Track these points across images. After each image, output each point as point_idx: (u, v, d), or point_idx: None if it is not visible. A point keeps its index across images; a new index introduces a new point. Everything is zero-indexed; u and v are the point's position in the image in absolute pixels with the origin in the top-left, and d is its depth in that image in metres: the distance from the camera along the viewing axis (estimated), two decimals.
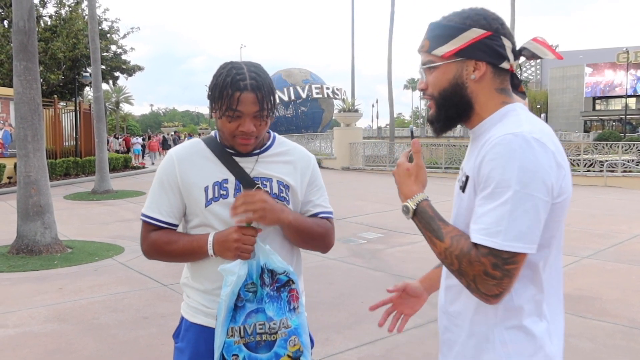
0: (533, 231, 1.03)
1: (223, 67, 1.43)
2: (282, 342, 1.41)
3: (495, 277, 1.02)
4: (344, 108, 20.24)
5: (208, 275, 1.49)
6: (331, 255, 6.05)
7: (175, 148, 1.56)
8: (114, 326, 3.89)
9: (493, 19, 1.15)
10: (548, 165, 1.04)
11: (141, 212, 1.54)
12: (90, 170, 16.22)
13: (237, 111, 1.38)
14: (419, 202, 1.19)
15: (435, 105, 1.20)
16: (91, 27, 12.78)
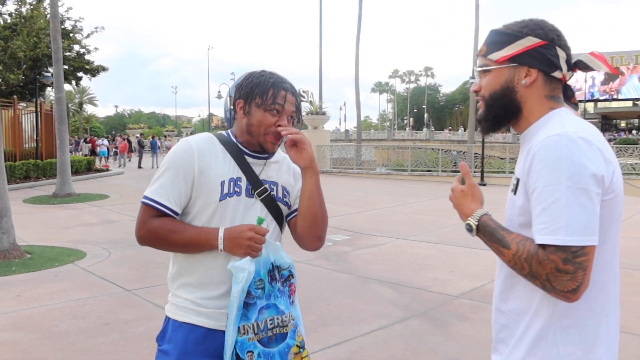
0: (592, 223, 1.06)
1: (257, 72, 1.56)
2: (292, 334, 1.48)
3: (568, 271, 1.04)
4: (312, 111, 20.26)
5: (206, 269, 1.50)
6: (297, 258, 6.02)
7: (194, 137, 1.56)
8: (74, 333, 3.78)
9: (550, 29, 1.21)
10: (596, 159, 1.07)
11: (144, 194, 1.50)
12: (51, 173, 15.73)
13: (281, 106, 1.50)
14: (480, 217, 1.22)
15: (485, 106, 1.26)
16: (53, 25, 12.42)
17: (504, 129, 1.32)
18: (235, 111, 1.56)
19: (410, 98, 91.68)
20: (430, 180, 16.59)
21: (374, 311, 4.27)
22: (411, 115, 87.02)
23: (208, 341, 1.48)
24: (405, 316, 4.17)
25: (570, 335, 1.14)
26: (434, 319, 4.14)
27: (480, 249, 6.55)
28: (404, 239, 7.19)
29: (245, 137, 1.55)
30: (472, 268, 5.65)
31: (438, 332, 3.85)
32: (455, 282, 5.13)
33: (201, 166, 1.48)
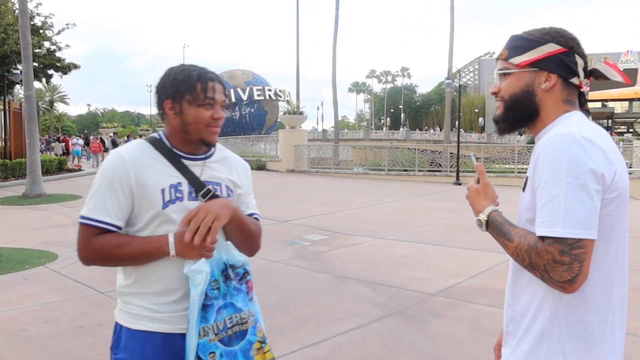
0: (591, 218, 1.10)
1: (177, 67, 1.51)
2: (252, 330, 1.49)
3: (565, 262, 1.09)
4: (289, 110, 20.22)
5: (159, 278, 1.47)
6: (275, 258, 6.02)
7: (124, 148, 1.51)
8: (46, 337, 3.69)
9: (570, 38, 1.27)
10: (596, 157, 1.12)
11: (81, 214, 1.45)
12: (21, 173, 15.32)
13: (213, 99, 1.47)
14: (489, 213, 1.29)
15: (504, 108, 1.31)
16: (22, 22, 12.09)
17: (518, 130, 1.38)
18: (164, 112, 1.50)
19: (387, 98, 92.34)
20: (407, 179, 16.74)
21: (351, 310, 4.28)
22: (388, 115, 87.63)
23: (167, 346, 1.45)
24: (382, 315, 4.19)
25: (576, 330, 1.18)
26: (411, 317, 4.17)
27: (455, 248, 6.64)
28: (381, 238, 7.23)
29: (180, 137, 1.50)
30: (448, 266, 5.72)
31: (414, 330, 3.88)
32: (431, 280, 5.19)
33: (137, 176, 1.44)
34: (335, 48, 27.69)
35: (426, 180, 16.59)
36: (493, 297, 4.63)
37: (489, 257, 6.06)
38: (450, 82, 20.97)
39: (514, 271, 1.30)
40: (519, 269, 1.26)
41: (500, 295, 4.72)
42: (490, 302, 4.47)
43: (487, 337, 3.65)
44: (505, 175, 16.48)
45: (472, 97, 76.99)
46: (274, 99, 34.05)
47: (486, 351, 3.44)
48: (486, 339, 3.64)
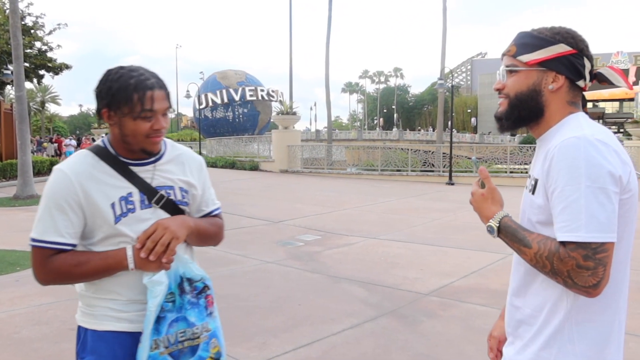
0: (611, 220, 1.10)
1: (114, 72, 1.41)
2: (204, 346, 1.47)
3: (589, 267, 1.08)
4: (282, 110, 20.21)
5: (122, 285, 1.46)
6: (269, 258, 6.02)
7: (66, 164, 1.44)
8: (37, 340, 3.66)
9: (580, 40, 1.25)
10: (613, 160, 1.12)
11: (32, 237, 1.41)
12: (12, 175, 15.19)
13: (153, 110, 1.38)
14: (501, 219, 1.26)
15: (509, 105, 1.29)
16: (13, 21, 12.00)
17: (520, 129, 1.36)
18: (102, 119, 1.44)
19: (380, 98, 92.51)
20: (400, 179, 16.78)
21: (344, 310, 4.29)
22: (381, 116, 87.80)
23: (135, 345, 1.44)
24: (376, 315, 4.20)
25: (586, 330, 1.18)
26: (404, 316, 4.18)
27: (448, 247, 6.66)
28: (375, 238, 7.24)
29: (122, 146, 1.45)
30: (440, 266, 5.74)
31: (408, 330, 3.89)
32: (424, 280, 5.20)
33: (85, 193, 1.40)
34: (328, 48, 27.71)
35: (419, 180, 16.64)
36: (486, 296, 4.66)
37: (482, 257, 6.09)
38: (443, 82, 21.05)
39: (525, 274, 1.28)
40: (530, 271, 1.24)
41: (492, 294, 4.75)
42: (483, 302, 4.49)
43: (480, 336, 3.67)
44: (498, 175, 16.54)
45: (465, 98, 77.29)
46: (266, 99, 34.00)
47: (479, 350, 3.46)
48: (479, 338, 3.65)
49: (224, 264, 5.72)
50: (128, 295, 1.46)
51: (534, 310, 1.24)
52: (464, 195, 13.60)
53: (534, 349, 1.22)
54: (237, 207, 9.82)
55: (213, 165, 20.55)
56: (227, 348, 3.78)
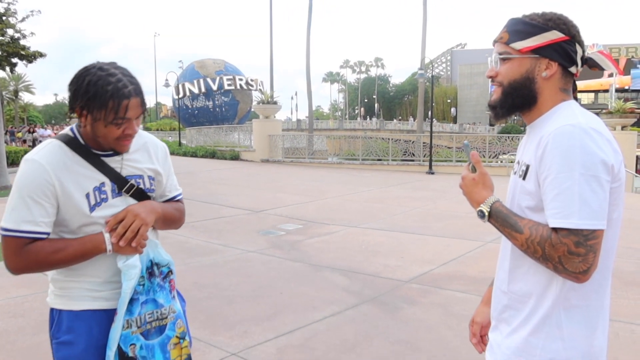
0: (603, 208, 1.11)
1: (91, 73, 1.39)
2: (171, 326, 1.57)
3: (580, 254, 1.10)
4: (263, 100, 20.06)
5: (97, 268, 1.51)
6: (250, 247, 6.00)
7: (40, 154, 1.43)
8: (14, 332, 3.60)
9: (572, 26, 1.25)
10: (606, 149, 1.13)
11: (4, 227, 1.41)
12: None
13: (126, 118, 1.41)
14: (492, 204, 1.27)
15: (502, 93, 1.28)
16: None
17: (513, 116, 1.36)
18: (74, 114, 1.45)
19: (361, 88, 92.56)
20: (381, 169, 16.86)
21: (326, 298, 4.31)
22: (362, 105, 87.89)
23: (110, 321, 1.49)
24: (357, 302, 4.23)
25: (574, 315, 1.19)
26: (385, 304, 4.22)
27: (428, 236, 6.73)
28: (356, 227, 7.28)
29: (93, 140, 1.47)
30: (421, 254, 5.80)
31: (388, 317, 3.94)
32: (404, 267, 5.26)
33: (61, 182, 1.42)
34: (309, 38, 27.57)
35: (400, 169, 16.75)
36: (465, 283, 4.73)
37: (461, 245, 6.17)
38: (423, 72, 21.15)
39: (513, 259, 1.28)
40: (519, 257, 1.25)
41: (471, 281, 4.83)
42: (462, 288, 4.56)
43: (459, 322, 3.73)
44: None
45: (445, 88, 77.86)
46: (245, 89, 33.64)
47: (457, 336, 3.51)
48: (458, 324, 3.71)
49: (205, 254, 5.69)
50: (103, 277, 1.52)
51: (522, 296, 1.25)
52: (444, 184, 13.76)
53: (523, 335, 1.24)
54: (218, 196, 9.75)
55: (193, 155, 20.36)
56: (208, 337, 3.77)
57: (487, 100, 1.36)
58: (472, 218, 8.01)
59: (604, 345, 1.23)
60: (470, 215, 8.28)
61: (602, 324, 1.23)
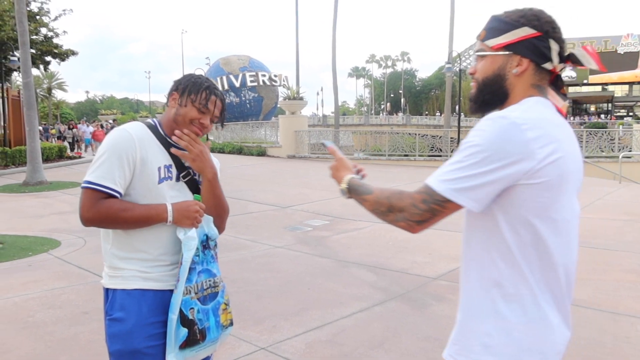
0: (479, 189, 1.14)
1: (197, 75, 1.75)
2: (221, 293, 1.77)
3: (420, 208, 1.19)
4: (289, 96, 20.12)
5: (149, 244, 1.66)
6: (278, 243, 6.05)
7: (130, 127, 1.69)
8: (51, 323, 3.72)
9: (546, 21, 1.24)
10: (519, 143, 1.12)
11: (87, 180, 1.60)
12: (21, 161, 15.32)
13: (208, 109, 1.70)
14: (348, 180, 1.40)
15: (477, 89, 1.33)
16: (18, 7, 11.98)
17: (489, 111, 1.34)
18: (168, 101, 1.74)
19: (387, 83, 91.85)
20: (408, 164, 16.73)
21: (353, 294, 4.32)
22: (388, 100, 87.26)
23: (159, 301, 1.65)
24: (385, 298, 4.22)
25: (510, 303, 1.19)
26: (413, 300, 4.20)
27: (456, 232, 6.65)
28: (382, 223, 7.24)
29: (171, 126, 1.71)
30: (448, 250, 5.75)
31: (417, 313, 3.92)
32: (432, 264, 5.22)
33: (142, 153, 1.64)
34: (335, 33, 27.46)
35: (427, 165, 16.58)
36: None
37: None
38: (451, 66, 20.87)
39: (463, 251, 1.31)
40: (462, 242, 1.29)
41: None
42: None
43: None
44: None
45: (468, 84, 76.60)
46: (268, 84, 33.73)
47: None
48: None
49: (234, 249, 5.76)
50: (154, 254, 1.67)
51: (466, 283, 1.29)
52: None
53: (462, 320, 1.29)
54: (245, 192, 9.85)
55: (221, 151, 20.58)
56: (238, 331, 3.81)
57: None
58: None
59: (547, 338, 1.20)
60: None
61: (543, 315, 1.19)
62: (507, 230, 1.18)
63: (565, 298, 1.24)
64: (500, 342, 1.19)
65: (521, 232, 1.18)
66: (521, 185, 1.15)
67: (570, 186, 1.22)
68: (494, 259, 1.20)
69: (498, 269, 1.20)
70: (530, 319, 1.19)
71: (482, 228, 1.22)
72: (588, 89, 60.93)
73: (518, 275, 1.19)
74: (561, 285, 1.23)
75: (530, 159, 1.13)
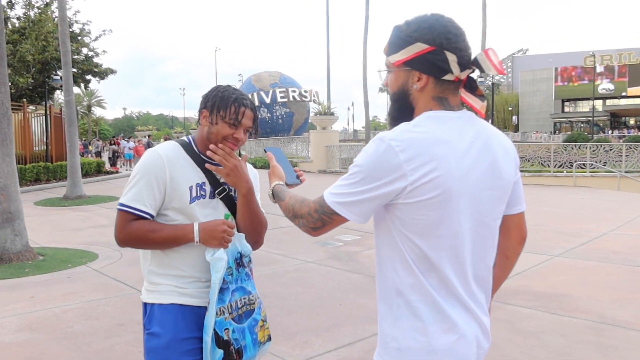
0: (359, 204, 1.21)
1: (220, 88, 1.72)
2: (258, 310, 1.75)
3: (314, 217, 1.29)
4: (320, 111, 20.27)
5: (184, 261, 1.68)
6: (309, 258, 6.05)
7: (161, 148, 1.71)
8: (89, 334, 3.82)
9: (439, 33, 1.22)
10: (391, 165, 1.17)
11: (121, 202, 1.65)
12: (61, 176, 15.87)
13: (240, 122, 1.69)
14: (274, 186, 1.54)
15: (391, 104, 1.37)
16: (61, 29, 12.53)
17: None
18: (199, 119, 1.73)
19: None
20: None
21: None
22: None
23: (195, 316, 1.66)
24: None
25: (412, 308, 1.25)
26: None
27: None
28: None
29: (205, 144, 1.71)
30: None
31: None
32: None
33: (171, 173, 1.65)
34: (365, 48, 27.59)
35: None
36: (530, 298, 4.54)
37: (526, 258, 5.93)
38: (483, 80, 20.63)
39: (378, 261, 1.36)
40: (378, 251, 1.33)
41: (538, 297, 4.63)
42: (528, 304, 4.38)
43: (525, 339, 3.58)
44: (541, 174, 16.09)
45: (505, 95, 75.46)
46: (298, 100, 34.06)
47: (524, 353, 3.37)
48: (524, 341, 3.57)
49: (265, 263, 5.80)
50: (190, 272, 1.68)
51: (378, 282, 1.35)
52: None
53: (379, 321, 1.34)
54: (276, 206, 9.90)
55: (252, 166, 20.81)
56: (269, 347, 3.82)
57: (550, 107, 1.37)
58: (537, 230, 7.68)
59: (439, 340, 1.23)
60: (534, 227, 7.95)
61: (442, 320, 1.24)
62: (402, 243, 1.24)
63: (475, 304, 1.28)
64: (407, 345, 1.24)
65: (412, 246, 1.23)
66: (400, 203, 1.20)
67: (466, 199, 1.21)
68: (397, 268, 1.26)
69: (399, 276, 1.25)
70: (432, 322, 1.23)
71: (385, 239, 1.28)
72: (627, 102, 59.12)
73: (418, 283, 1.24)
74: (464, 293, 1.26)
75: (403, 179, 1.16)
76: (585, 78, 60.53)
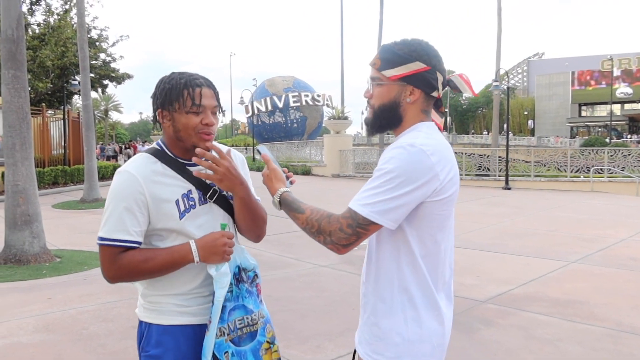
0: (389, 208, 1.28)
1: (166, 77, 1.53)
2: (262, 331, 1.56)
3: (347, 233, 1.31)
4: (334, 115, 20.29)
5: (184, 279, 1.52)
6: (322, 262, 6.05)
7: (132, 166, 1.51)
8: (104, 336, 3.86)
9: (433, 56, 1.41)
10: (426, 167, 1.29)
11: (100, 236, 1.48)
12: (79, 179, 16.08)
13: (201, 105, 1.48)
14: (281, 193, 1.49)
15: (373, 114, 1.46)
16: (80, 35, 12.73)
17: None
18: (159, 122, 1.52)
19: None
20: None
21: None
22: None
23: (197, 336, 1.51)
24: None
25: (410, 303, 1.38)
26: (460, 324, 4.09)
27: (506, 254, 6.46)
28: None
29: (178, 145, 1.52)
30: (498, 273, 5.57)
31: (465, 337, 3.80)
32: (481, 287, 5.07)
33: (151, 192, 1.47)
34: None
35: (474, 184, 16.23)
36: (547, 305, 4.48)
37: (542, 264, 5.86)
38: (498, 84, 20.47)
39: (367, 255, 1.48)
40: (369, 252, 1.45)
41: (554, 303, 4.57)
42: (544, 311, 4.32)
43: (542, 346, 3.53)
44: (557, 179, 15.89)
45: (521, 100, 74.80)
46: (311, 104, 34.13)
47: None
48: (541, 348, 3.52)
49: (279, 267, 5.80)
50: (188, 289, 1.53)
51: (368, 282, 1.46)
52: (522, 199, 13.15)
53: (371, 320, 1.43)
54: None
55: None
56: (282, 350, 3.82)
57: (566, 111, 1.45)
58: (553, 236, 7.59)
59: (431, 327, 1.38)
60: (550, 233, 7.86)
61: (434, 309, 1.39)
62: (415, 242, 1.35)
63: (450, 292, 1.49)
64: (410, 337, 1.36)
65: (427, 242, 1.36)
66: (427, 202, 1.32)
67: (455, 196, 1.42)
68: (401, 267, 1.36)
69: (404, 275, 1.37)
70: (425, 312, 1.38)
71: (390, 241, 1.37)
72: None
73: (422, 280, 1.37)
74: (448, 281, 1.46)
75: (436, 179, 1.31)
76: (603, 82, 59.73)
